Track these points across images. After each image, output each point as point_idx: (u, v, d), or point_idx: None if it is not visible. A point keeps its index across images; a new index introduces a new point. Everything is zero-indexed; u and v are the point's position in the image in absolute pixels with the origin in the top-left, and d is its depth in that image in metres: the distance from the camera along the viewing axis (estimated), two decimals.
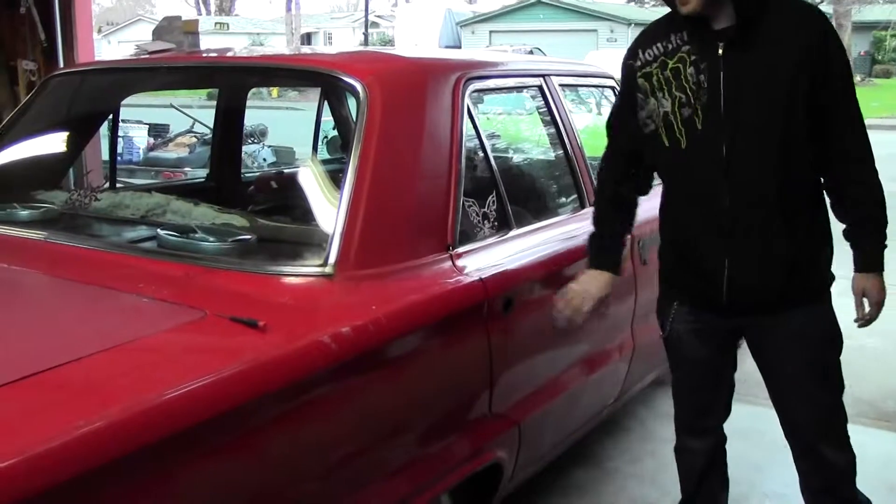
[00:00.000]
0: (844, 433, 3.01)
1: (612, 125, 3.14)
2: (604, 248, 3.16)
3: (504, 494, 3.25)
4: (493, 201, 3.22)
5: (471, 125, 3.16)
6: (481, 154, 3.30)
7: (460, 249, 2.94)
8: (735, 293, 2.86)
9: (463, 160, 3.02)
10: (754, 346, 3.04)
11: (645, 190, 3.20)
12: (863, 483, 3.06)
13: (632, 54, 2.93)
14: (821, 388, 2.97)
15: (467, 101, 3.15)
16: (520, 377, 3.15)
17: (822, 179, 2.88)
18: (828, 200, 2.91)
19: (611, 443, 4.54)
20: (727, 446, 3.29)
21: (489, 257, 3.03)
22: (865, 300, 2.94)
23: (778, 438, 3.26)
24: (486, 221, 3.16)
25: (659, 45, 2.84)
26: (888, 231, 2.90)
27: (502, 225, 3.25)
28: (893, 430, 4.76)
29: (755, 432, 4.22)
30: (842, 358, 2.97)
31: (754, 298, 2.88)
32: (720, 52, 2.72)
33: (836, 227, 2.90)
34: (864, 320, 2.98)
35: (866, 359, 3.15)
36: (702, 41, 2.75)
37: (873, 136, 2.91)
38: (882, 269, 2.92)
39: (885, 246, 2.90)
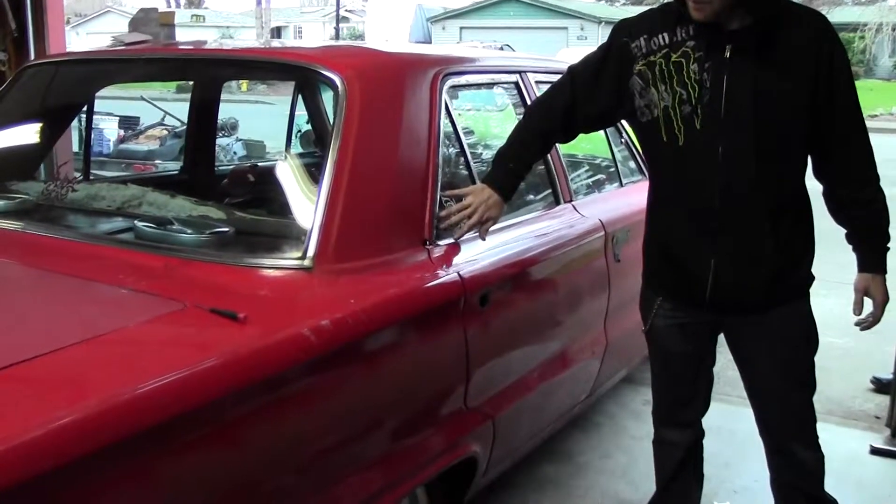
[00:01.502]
0: (814, 432, 3.05)
1: (576, 74, 3.07)
2: (510, 172, 3.10)
3: (478, 489, 3.26)
4: None
5: (448, 120, 3.17)
6: (458, 149, 3.31)
7: (437, 244, 2.94)
8: (719, 293, 2.88)
9: (440, 155, 3.03)
10: (733, 343, 3.07)
11: (568, 140, 3.21)
12: (830, 479, 3.10)
13: (629, 32, 2.89)
14: (796, 388, 3.00)
15: (445, 96, 3.15)
16: (495, 372, 3.16)
17: (824, 185, 2.90)
18: (821, 204, 2.92)
19: (583, 438, 4.56)
20: None
21: (466, 252, 3.04)
22: (869, 301, 2.96)
23: (747, 436, 3.30)
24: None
25: (665, 35, 2.81)
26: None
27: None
28: (860, 427, 4.81)
29: (725, 430, 4.26)
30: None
31: (738, 298, 2.90)
32: (727, 54, 2.71)
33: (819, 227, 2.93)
34: (868, 322, 3.00)
35: (834, 358, 3.18)
36: (710, 40, 2.74)
37: None
38: (885, 271, 2.95)
39: (888, 248, 2.94)
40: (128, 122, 12.69)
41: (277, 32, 54.15)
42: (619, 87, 2.91)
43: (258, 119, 13.30)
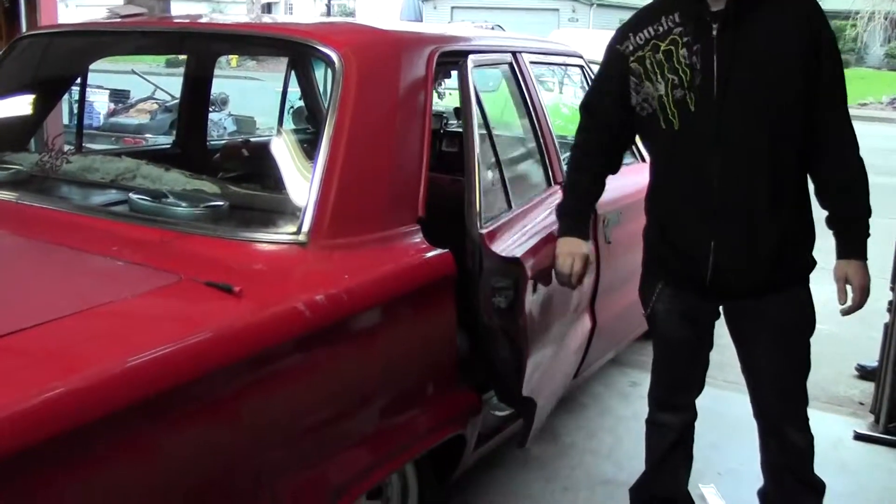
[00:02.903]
0: (806, 416, 3.08)
1: (590, 105, 3.15)
2: (581, 218, 3.16)
3: (466, 466, 3.28)
4: None
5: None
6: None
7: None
8: (719, 277, 2.90)
9: None
10: (732, 325, 3.10)
11: (616, 168, 3.22)
12: (815, 463, 3.12)
13: (620, 38, 2.96)
14: (791, 372, 3.03)
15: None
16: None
17: (808, 164, 2.90)
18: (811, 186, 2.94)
19: (569, 419, 4.58)
20: None
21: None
22: (849, 287, 2.94)
23: (734, 419, 3.34)
24: None
25: (650, 28, 2.87)
26: None
27: None
28: (844, 413, 4.86)
29: (713, 413, 4.26)
30: None
31: (737, 282, 2.93)
32: (714, 33, 2.75)
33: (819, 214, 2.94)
34: (849, 307, 2.97)
35: (819, 344, 3.21)
36: (696, 22, 2.78)
37: None
38: (865, 258, 2.93)
39: (869, 234, 2.93)
40: (118, 96, 12.63)
41: (268, 8, 53.85)
42: (623, 91, 2.95)
43: (247, 95, 13.29)
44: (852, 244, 2.92)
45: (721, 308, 3.09)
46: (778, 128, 2.79)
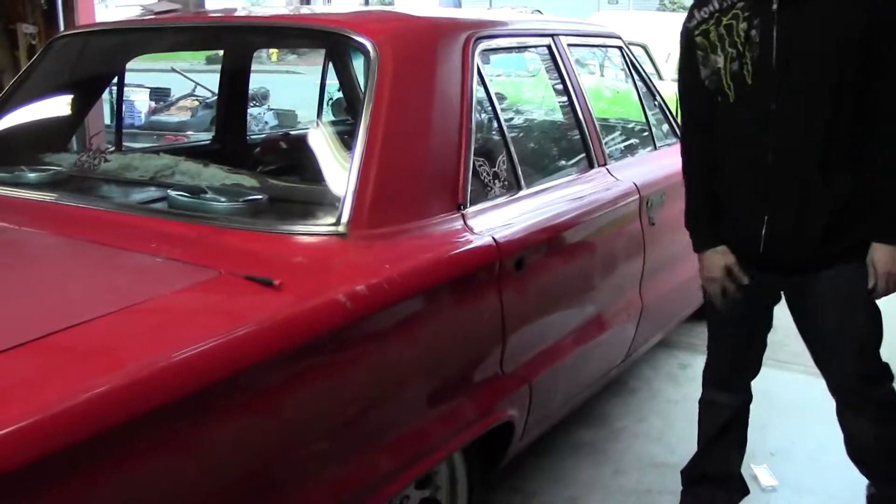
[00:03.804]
0: (883, 390, 3.01)
1: (681, 95, 3.13)
2: (711, 225, 3.07)
3: (515, 452, 3.26)
4: (504, 161, 3.21)
5: (480, 85, 3.15)
6: (491, 114, 3.29)
7: (471, 209, 2.93)
8: (772, 250, 2.88)
9: (473, 120, 3.02)
10: (791, 305, 3.06)
11: None
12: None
13: (688, 17, 2.97)
14: (852, 348, 2.96)
15: (477, 60, 3.13)
16: (531, 336, 3.15)
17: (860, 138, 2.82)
18: None
19: (618, 403, 4.55)
20: None
21: (500, 216, 3.03)
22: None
23: (786, 399, 3.30)
24: (496, 181, 3.15)
25: (714, 2, 2.87)
26: None
27: (512, 184, 3.24)
28: None
29: (765, 393, 4.21)
30: None
31: (791, 256, 2.89)
32: (774, 6, 2.73)
33: None
34: (875, 294, 2.87)
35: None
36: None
37: None
38: (891, 240, 2.82)
39: None
40: (159, 94, 12.71)
41: (306, 0, 54.03)
42: (697, 68, 2.95)
43: (289, 89, 13.31)
44: (880, 225, 2.84)
45: (782, 289, 3.05)
46: (833, 104, 2.74)
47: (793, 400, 3.68)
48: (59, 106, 3.78)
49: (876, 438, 3.05)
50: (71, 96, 3.82)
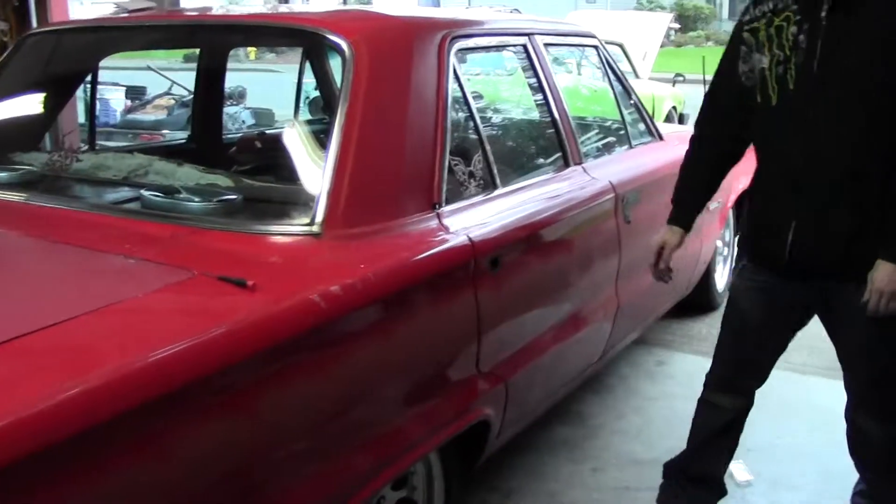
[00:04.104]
0: (890, 408, 3.02)
1: (713, 81, 3.16)
2: (690, 208, 3.23)
3: (492, 451, 3.26)
4: (479, 160, 3.21)
5: (456, 84, 3.14)
6: (467, 113, 3.29)
7: (447, 208, 2.93)
8: (797, 255, 2.89)
9: (449, 119, 3.01)
10: (820, 315, 3.07)
11: (738, 157, 3.21)
12: (839, 431, 3.09)
13: (744, 11, 3.00)
14: (872, 362, 2.97)
15: (453, 59, 3.13)
16: (507, 335, 3.15)
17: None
18: None
19: (596, 400, 4.56)
20: None
21: (476, 216, 3.03)
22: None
23: (763, 395, 3.29)
24: (472, 180, 3.15)
25: (770, 2, 2.88)
26: None
27: (488, 183, 3.24)
28: None
29: None
30: None
31: (815, 263, 2.89)
32: (823, 13, 2.73)
33: None
34: (868, 310, 2.81)
35: None
36: (807, 2, 2.77)
37: None
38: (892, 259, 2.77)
39: None
40: (134, 92, 12.64)
41: None
42: (736, 64, 2.99)
43: (266, 87, 13.26)
44: (886, 242, 2.80)
45: (805, 297, 3.02)
46: (872, 116, 2.74)
47: (771, 396, 3.67)
48: (30, 104, 3.75)
49: (882, 439, 3.06)
50: (43, 94, 3.78)
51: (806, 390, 3.17)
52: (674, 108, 12.67)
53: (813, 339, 3.28)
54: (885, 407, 3.02)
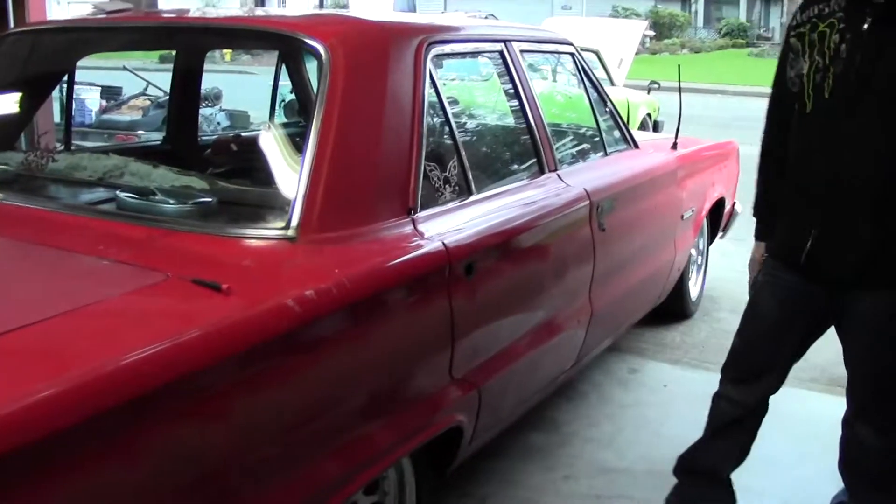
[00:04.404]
0: (886, 417, 3.05)
1: (770, 96, 3.20)
2: (771, 222, 3.22)
3: (464, 457, 3.26)
4: (455, 166, 3.21)
5: (432, 89, 3.15)
6: (443, 118, 3.29)
7: (422, 213, 2.93)
8: (814, 261, 2.92)
9: (425, 124, 3.02)
10: (834, 319, 3.08)
11: None
12: (816, 445, 3.11)
13: (793, 16, 3.00)
14: (876, 369, 3.01)
15: (429, 65, 3.13)
16: (480, 341, 3.15)
17: None
18: None
19: (569, 407, 4.57)
20: (686, 409, 3.32)
21: (451, 221, 3.03)
22: None
23: None
24: (447, 186, 3.15)
25: (818, 6, 2.89)
26: None
27: (463, 189, 3.24)
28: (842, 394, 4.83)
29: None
30: None
31: (830, 271, 2.93)
32: (866, 25, 2.73)
33: None
34: None
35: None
36: (853, 11, 2.79)
37: None
38: None
39: None
40: (110, 93, 12.57)
41: (261, 2, 53.82)
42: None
43: (242, 89, 13.22)
44: None
45: (824, 301, 3.04)
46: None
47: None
48: (6, 103, 3.72)
49: (877, 450, 3.08)
50: (19, 94, 3.76)
51: (775, 399, 3.20)
52: (648, 115, 12.70)
53: None
54: (885, 417, 3.05)
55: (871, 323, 2.93)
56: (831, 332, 3.11)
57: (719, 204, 5.87)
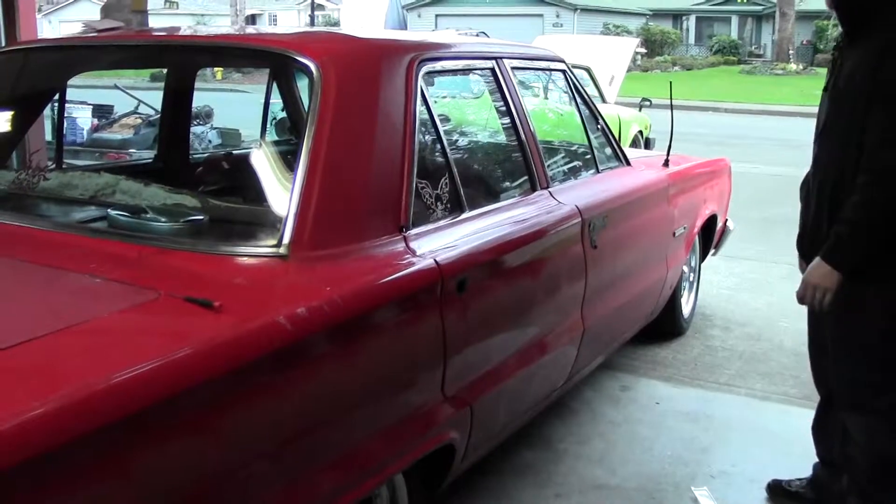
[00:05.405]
0: (864, 403, 3.23)
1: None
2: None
3: (456, 474, 3.26)
4: (446, 183, 3.22)
5: (424, 107, 3.15)
6: (434, 136, 3.30)
7: (414, 231, 2.93)
8: (804, 254, 3.36)
9: (416, 142, 3.02)
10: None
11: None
12: (799, 457, 3.11)
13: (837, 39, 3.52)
14: (843, 361, 3.26)
15: (420, 82, 3.14)
16: (472, 359, 3.15)
17: None
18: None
19: (560, 424, 4.56)
20: (678, 427, 3.33)
21: (442, 239, 3.03)
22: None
23: (725, 421, 3.32)
24: (439, 203, 3.15)
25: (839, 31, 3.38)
26: None
27: (455, 207, 3.24)
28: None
29: (703, 416, 4.28)
30: (787, 344, 3.02)
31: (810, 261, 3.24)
32: (842, 45, 3.25)
33: None
34: (797, 296, 3.25)
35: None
36: (843, 34, 3.26)
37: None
38: (828, 259, 3.11)
39: (847, 242, 3.09)
40: (101, 111, 12.56)
41: (252, 20, 53.93)
42: None
43: (233, 107, 13.23)
44: (834, 247, 3.12)
45: None
46: (843, 137, 3.15)
47: (734, 422, 3.71)
48: None
49: (859, 429, 3.24)
50: (10, 112, 3.77)
51: (766, 417, 3.21)
52: (640, 132, 12.74)
53: (773, 366, 3.31)
54: (853, 397, 3.26)
55: (837, 310, 3.21)
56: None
57: (711, 221, 5.88)
